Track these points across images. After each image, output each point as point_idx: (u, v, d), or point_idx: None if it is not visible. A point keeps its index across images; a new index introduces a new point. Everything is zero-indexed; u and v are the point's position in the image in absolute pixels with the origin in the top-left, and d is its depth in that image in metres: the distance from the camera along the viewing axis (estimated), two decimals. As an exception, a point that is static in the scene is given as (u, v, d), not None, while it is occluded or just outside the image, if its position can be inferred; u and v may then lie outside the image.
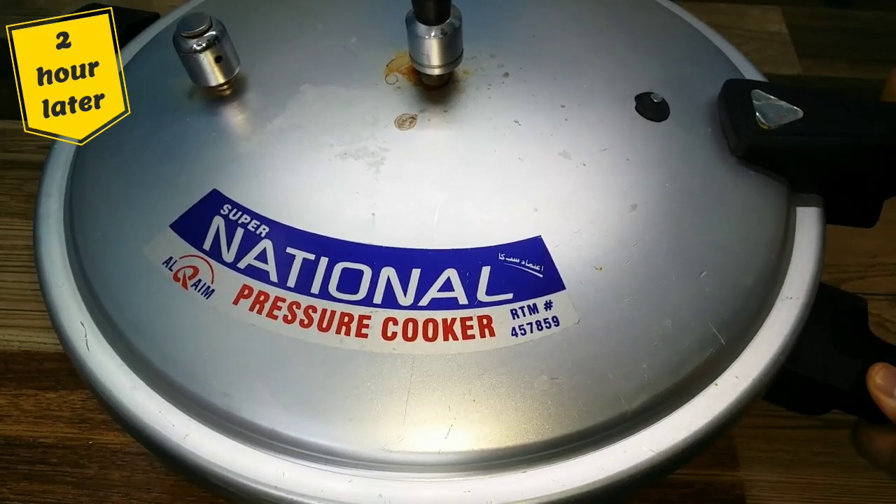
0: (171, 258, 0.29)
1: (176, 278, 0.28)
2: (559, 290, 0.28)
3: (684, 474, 0.46)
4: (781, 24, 0.74)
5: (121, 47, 0.42)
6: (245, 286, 0.28)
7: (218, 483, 0.27)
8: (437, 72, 0.31)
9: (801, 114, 0.32)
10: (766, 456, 0.47)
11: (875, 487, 0.46)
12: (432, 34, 0.30)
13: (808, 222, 0.34)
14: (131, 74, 0.37)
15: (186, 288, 0.28)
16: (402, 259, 0.28)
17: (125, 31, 0.43)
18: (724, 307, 0.29)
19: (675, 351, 0.28)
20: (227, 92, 0.33)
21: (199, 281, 0.28)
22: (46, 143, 0.62)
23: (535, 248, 0.28)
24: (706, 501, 0.45)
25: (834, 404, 0.33)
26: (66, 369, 0.50)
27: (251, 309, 0.27)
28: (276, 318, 0.27)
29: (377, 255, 0.28)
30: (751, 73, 0.40)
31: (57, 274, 0.32)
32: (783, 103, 0.32)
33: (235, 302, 0.27)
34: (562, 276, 0.28)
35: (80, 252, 0.31)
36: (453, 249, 0.28)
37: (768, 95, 0.32)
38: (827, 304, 0.33)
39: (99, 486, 0.45)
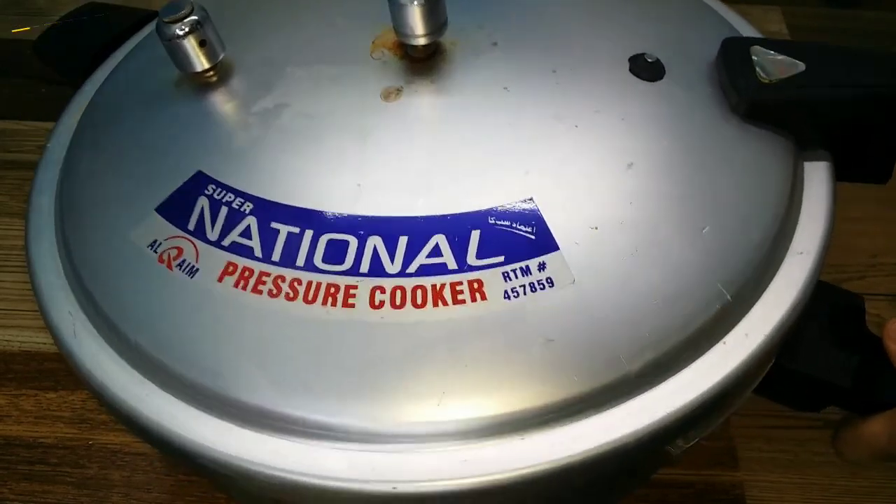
0: (156, 241, 0.29)
1: (161, 260, 0.28)
2: (553, 251, 0.27)
3: (684, 474, 0.46)
4: (781, 24, 0.74)
5: (119, 46, 0.42)
6: (229, 263, 0.27)
7: (210, 465, 0.26)
8: (421, 41, 0.31)
9: (802, 67, 0.31)
10: (766, 456, 0.47)
11: (875, 487, 0.46)
12: (413, 1, 0.30)
13: (816, 177, 0.33)
14: (123, 70, 0.37)
15: (171, 269, 0.28)
16: (389, 227, 0.27)
17: (124, 31, 0.43)
18: (729, 263, 0.28)
19: (678, 309, 0.27)
20: (213, 79, 0.34)
21: (184, 261, 0.28)
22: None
23: (526, 210, 0.28)
24: (706, 501, 0.45)
25: (832, 401, 0.33)
26: (66, 369, 0.50)
27: (235, 285, 0.27)
28: (260, 292, 0.27)
29: (363, 225, 0.27)
30: (748, 32, 0.39)
31: (46, 267, 0.32)
32: (784, 57, 0.31)
33: (220, 279, 0.27)
34: (555, 236, 0.27)
35: (69, 243, 0.31)
36: (441, 215, 0.28)
37: (768, 51, 0.32)
38: (825, 301, 0.33)
39: (99, 486, 0.45)
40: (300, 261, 0.27)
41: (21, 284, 0.54)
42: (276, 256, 0.27)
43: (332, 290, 0.26)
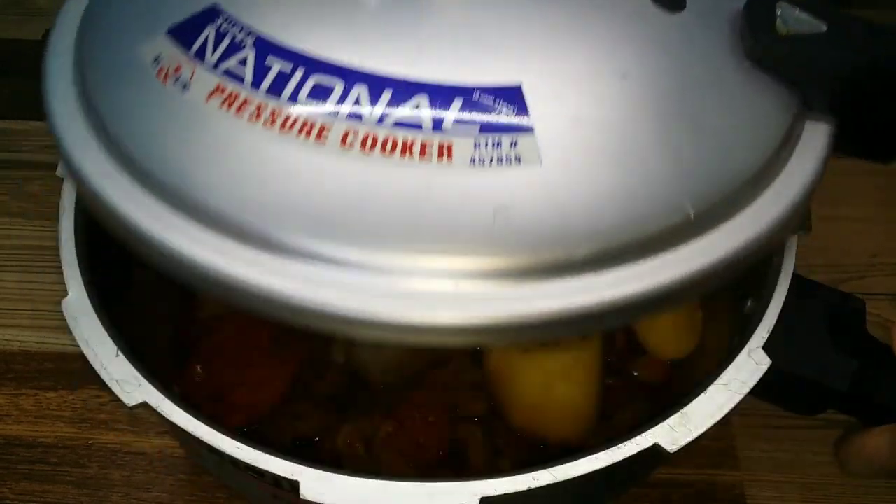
0: (159, 56, 0.30)
1: (159, 74, 0.30)
2: (528, 133, 0.28)
3: (684, 474, 0.46)
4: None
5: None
6: (219, 85, 0.29)
7: (174, 267, 0.28)
8: None
9: (824, 28, 0.31)
10: (766, 456, 0.47)
11: (875, 487, 0.46)
12: None
13: (814, 138, 0.33)
14: None
15: (165, 83, 0.30)
16: (377, 80, 0.29)
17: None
18: (699, 185, 0.29)
19: (636, 209, 0.28)
20: None
21: (179, 78, 0.30)
22: (46, 144, 0.62)
23: (512, 93, 0.29)
24: (706, 501, 0.45)
25: (830, 405, 0.33)
26: (66, 369, 0.50)
27: (221, 105, 0.29)
28: (241, 116, 0.28)
29: (352, 74, 0.29)
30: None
31: (62, 98, 0.33)
32: (808, 16, 0.31)
33: (208, 99, 0.29)
34: (533, 120, 0.28)
35: (84, 64, 0.32)
36: (430, 81, 0.29)
37: (793, 7, 0.31)
38: (824, 304, 0.33)
39: (99, 485, 0.46)
40: (285, 95, 0.29)
41: (21, 284, 0.54)
42: (263, 87, 0.29)
43: (308, 124, 0.28)
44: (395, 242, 0.27)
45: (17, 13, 0.73)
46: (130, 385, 0.33)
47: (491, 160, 0.28)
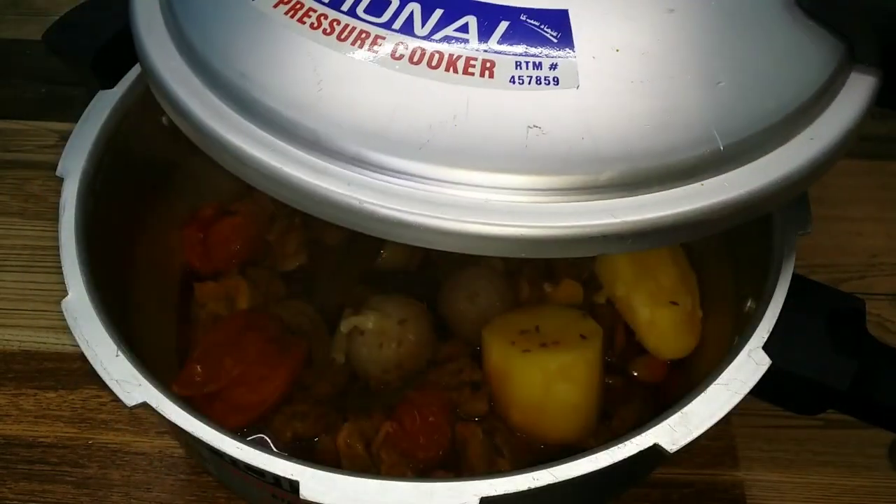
0: None
1: None
2: (569, 57, 0.29)
3: (684, 474, 0.46)
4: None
5: (129, 38, 0.43)
6: None
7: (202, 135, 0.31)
8: None
9: None
10: (766, 456, 0.47)
11: (875, 487, 0.46)
12: None
13: (858, 88, 0.33)
14: None
15: None
16: None
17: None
18: (733, 118, 0.30)
19: (664, 139, 0.29)
20: None
21: None
22: (46, 144, 0.62)
23: (558, 17, 0.30)
24: (706, 501, 0.45)
25: (830, 404, 0.33)
26: (66, 369, 0.50)
27: (286, 13, 0.31)
28: (304, 23, 0.30)
29: None
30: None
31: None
32: None
33: (276, 5, 0.31)
34: (576, 45, 0.29)
35: None
36: (478, 1, 0.30)
37: None
38: (824, 304, 0.33)
39: (99, 485, 0.45)
40: (345, 7, 0.30)
41: (21, 284, 0.54)
42: None
43: (364, 35, 0.30)
44: (432, 153, 0.29)
45: (16, 13, 0.73)
46: (130, 385, 0.33)
47: (530, 80, 0.29)
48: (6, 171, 0.60)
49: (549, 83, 0.29)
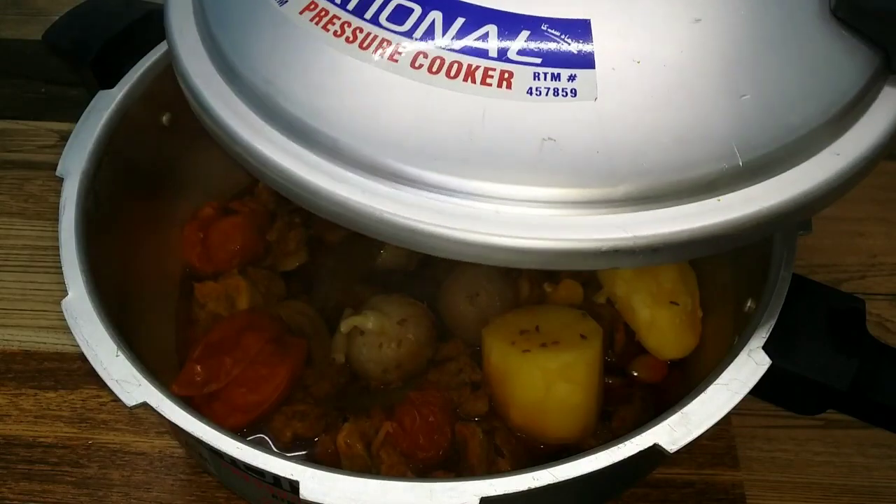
0: None
1: None
2: (588, 68, 0.29)
3: (684, 474, 0.46)
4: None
5: (129, 38, 0.43)
6: (312, 1, 0.32)
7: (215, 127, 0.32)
8: None
9: None
10: (766, 456, 0.47)
11: (875, 487, 0.46)
12: None
13: (891, 101, 0.32)
14: None
15: None
16: (451, 7, 0.30)
17: (134, 22, 0.43)
18: (755, 134, 0.29)
19: (681, 155, 0.28)
20: None
21: None
22: (46, 144, 0.62)
23: (580, 27, 0.29)
24: (706, 501, 0.45)
25: (830, 404, 0.33)
26: (66, 369, 0.50)
27: (311, 20, 0.31)
28: (328, 30, 0.31)
29: (430, 0, 0.30)
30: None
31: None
32: None
33: (301, 12, 0.32)
34: (596, 57, 0.29)
35: None
36: (500, 9, 0.30)
37: None
38: (825, 304, 0.33)
39: (99, 485, 0.45)
40: (368, 15, 0.31)
41: (21, 284, 0.54)
42: (350, 6, 0.31)
43: (385, 43, 0.30)
44: (446, 163, 0.29)
45: (17, 13, 0.73)
46: (130, 385, 0.33)
47: (548, 91, 0.29)
48: (6, 171, 0.60)
49: (566, 95, 0.29)
